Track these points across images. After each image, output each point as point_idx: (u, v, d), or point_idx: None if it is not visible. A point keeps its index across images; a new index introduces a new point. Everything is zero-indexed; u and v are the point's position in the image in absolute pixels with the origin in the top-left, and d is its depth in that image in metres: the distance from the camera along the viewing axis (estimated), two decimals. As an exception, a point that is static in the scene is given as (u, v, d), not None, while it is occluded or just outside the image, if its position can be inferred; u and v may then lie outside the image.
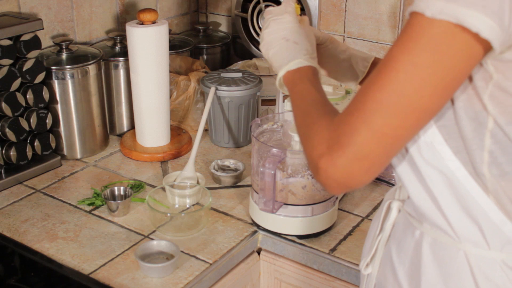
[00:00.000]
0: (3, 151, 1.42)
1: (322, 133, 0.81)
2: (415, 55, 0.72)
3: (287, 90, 0.98)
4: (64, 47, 1.55)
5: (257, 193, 1.26)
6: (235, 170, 1.50)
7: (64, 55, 1.54)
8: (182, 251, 1.21)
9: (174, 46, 1.80)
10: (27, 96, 1.43)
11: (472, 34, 0.69)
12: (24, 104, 1.42)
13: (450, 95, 0.75)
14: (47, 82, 1.48)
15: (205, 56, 1.96)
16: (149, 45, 1.51)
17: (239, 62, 1.86)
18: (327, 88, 1.45)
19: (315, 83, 0.95)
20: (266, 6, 1.88)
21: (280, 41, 1.02)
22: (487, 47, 0.71)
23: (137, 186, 1.44)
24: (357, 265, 1.17)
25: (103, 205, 1.35)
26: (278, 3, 1.85)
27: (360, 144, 0.75)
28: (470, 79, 0.77)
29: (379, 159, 0.76)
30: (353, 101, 0.78)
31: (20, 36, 1.40)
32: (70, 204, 1.38)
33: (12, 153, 1.42)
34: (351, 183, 0.78)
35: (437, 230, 0.86)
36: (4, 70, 1.38)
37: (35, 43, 1.43)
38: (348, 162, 0.76)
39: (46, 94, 1.46)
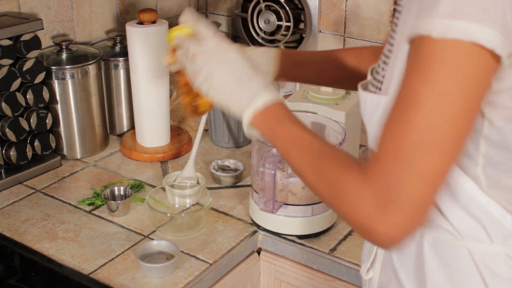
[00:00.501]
0: (3, 151, 1.42)
1: (362, 193, 0.73)
2: (438, 83, 0.68)
3: (259, 134, 0.87)
4: (64, 47, 1.55)
5: (257, 193, 1.26)
6: (235, 170, 1.50)
7: (64, 55, 1.54)
8: (182, 251, 1.21)
9: (174, 46, 1.79)
10: (27, 96, 1.43)
11: (486, 50, 0.67)
12: (24, 104, 1.42)
13: (478, 112, 0.72)
14: (47, 82, 1.48)
15: (205, 56, 1.96)
16: (149, 45, 1.51)
17: (239, 62, 1.86)
18: (327, 88, 1.45)
19: (296, 120, 0.87)
20: (266, 6, 1.89)
21: (229, 80, 0.88)
22: (498, 59, 0.69)
23: (137, 186, 1.44)
24: (357, 265, 1.17)
25: (103, 205, 1.35)
26: (279, 3, 1.85)
27: (413, 194, 0.70)
28: None
29: (432, 200, 0.73)
30: (384, 149, 0.72)
31: (20, 36, 1.40)
32: (70, 204, 1.38)
33: (12, 153, 1.42)
34: (411, 234, 0.73)
35: (437, 229, 0.85)
36: (4, 70, 1.38)
37: (35, 43, 1.43)
38: (405, 216, 0.71)
39: (46, 94, 1.46)
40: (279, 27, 1.89)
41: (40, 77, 1.44)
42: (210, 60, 0.89)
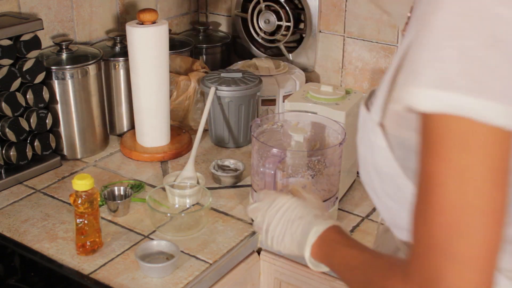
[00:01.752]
0: (3, 151, 1.42)
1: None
2: (452, 159, 0.63)
3: (324, 267, 0.87)
4: (64, 47, 1.55)
5: (257, 193, 1.26)
6: (235, 170, 1.50)
7: (64, 55, 1.54)
8: (182, 251, 1.21)
9: (174, 46, 1.79)
10: (27, 96, 1.43)
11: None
12: (24, 104, 1.42)
13: (507, 178, 0.64)
14: (47, 82, 1.48)
15: (205, 56, 1.96)
16: (149, 45, 1.51)
17: (239, 62, 1.86)
18: (327, 88, 1.45)
19: (347, 240, 0.85)
20: (266, 6, 1.89)
21: (286, 226, 0.91)
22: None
23: (137, 186, 1.44)
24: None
25: (103, 205, 1.35)
26: (279, 3, 1.85)
27: (456, 282, 0.63)
28: None
29: (480, 283, 0.64)
30: (418, 240, 0.67)
31: (20, 36, 1.40)
32: (70, 204, 1.38)
33: (12, 153, 1.42)
34: None
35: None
36: (4, 70, 1.38)
37: (35, 43, 1.43)
38: None
39: (46, 94, 1.46)
40: (279, 27, 1.89)
41: (40, 77, 1.44)
42: (265, 214, 0.96)
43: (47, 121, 1.48)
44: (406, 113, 0.65)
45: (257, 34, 1.95)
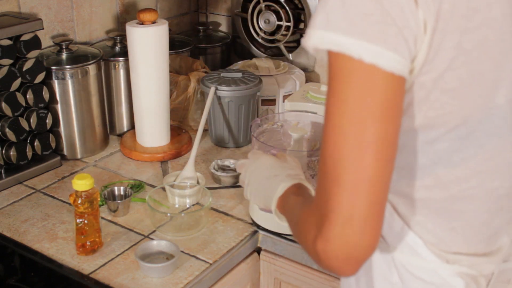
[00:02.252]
0: (3, 151, 1.42)
1: (308, 220, 0.77)
2: (336, 93, 0.71)
3: (284, 218, 0.94)
4: (64, 47, 1.55)
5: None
6: (235, 170, 1.50)
7: (64, 55, 1.54)
8: (182, 251, 1.21)
9: (174, 46, 1.80)
10: (27, 96, 1.43)
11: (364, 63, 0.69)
12: (24, 104, 1.42)
13: (394, 118, 0.71)
14: (47, 82, 1.48)
15: (205, 56, 1.96)
16: (149, 45, 1.51)
17: (239, 62, 1.86)
18: (324, 88, 1.45)
19: (299, 190, 0.93)
20: (266, 6, 1.89)
21: (263, 182, 1.00)
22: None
23: (137, 186, 1.44)
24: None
25: (103, 205, 1.35)
26: (279, 3, 1.85)
27: (338, 204, 0.71)
28: None
29: (367, 211, 0.71)
30: (318, 171, 0.76)
31: (20, 36, 1.40)
32: (70, 204, 1.38)
33: (12, 153, 1.42)
34: (357, 252, 0.71)
35: None
36: (4, 70, 1.38)
37: (35, 43, 1.43)
38: (338, 228, 0.71)
39: (46, 94, 1.46)
40: (279, 27, 1.89)
41: (40, 77, 1.44)
42: (247, 171, 1.05)
43: (47, 121, 1.48)
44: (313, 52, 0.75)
45: (257, 34, 1.95)
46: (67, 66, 1.51)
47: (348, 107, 0.70)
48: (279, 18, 1.87)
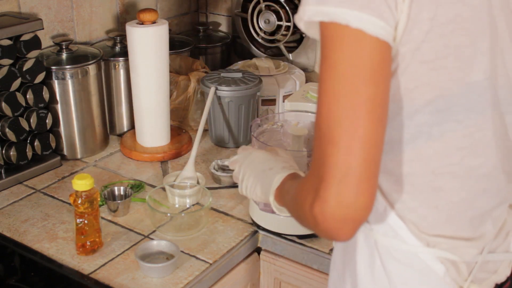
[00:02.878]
0: (3, 151, 1.42)
1: (305, 187, 0.79)
2: (327, 57, 0.75)
3: (285, 210, 0.96)
4: (64, 47, 1.55)
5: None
6: (235, 170, 1.50)
7: (64, 55, 1.54)
8: (182, 251, 1.21)
9: (174, 46, 1.80)
10: (27, 96, 1.43)
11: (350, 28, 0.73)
12: (24, 104, 1.42)
13: (384, 81, 0.75)
14: (47, 82, 1.48)
15: (205, 56, 1.96)
16: (149, 45, 1.51)
17: (239, 62, 1.86)
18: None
19: (294, 176, 0.96)
20: (266, 6, 1.89)
21: (258, 176, 1.02)
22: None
23: (137, 186, 1.44)
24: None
25: (103, 205, 1.35)
26: (279, 3, 1.85)
27: (333, 164, 0.73)
28: None
29: (361, 169, 0.73)
30: (314, 136, 0.79)
31: (20, 36, 1.40)
32: (70, 204, 1.38)
33: (12, 153, 1.42)
34: (353, 212, 0.74)
35: None
36: (4, 70, 1.38)
37: (35, 43, 1.43)
38: (334, 188, 0.73)
39: (46, 94, 1.46)
40: (279, 27, 1.89)
41: (40, 77, 1.44)
42: (241, 166, 1.07)
43: (47, 121, 1.48)
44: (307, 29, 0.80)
45: (257, 34, 1.95)
46: (67, 66, 1.51)
47: (338, 71, 0.73)
48: (279, 18, 1.87)
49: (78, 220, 1.18)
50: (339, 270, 0.97)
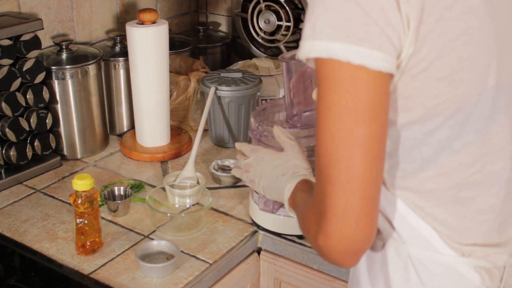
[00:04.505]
0: (3, 151, 1.42)
1: (309, 217, 0.83)
2: (323, 96, 0.75)
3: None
4: (64, 47, 1.55)
5: (257, 193, 1.25)
6: (235, 170, 1.50)
7: (64, 55, 1.54)
8: (182, 251, 1.21)
9: (174, 46, 1.80)
10: (27, 96, 1.43)
11: (350, 64, 0.72)
12: (24, 104, 1.42)
13: (379, 118, 0.75)
14: (47, 82, 1.48)
15: (205, 56, 1.96)
16: (149, 45, 1.51)
17: (239, 62, 1.86)
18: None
19: (304, 186, 0.97)
20: (266, 6, 1.89)
21: (273, 180, 1.04)
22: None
23: (137, 186, 1.44)
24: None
25: (103, 205, 1.35)
26: (279, 3, 1.85)
27: (332, 203, 0.76)
28: None
29: (358, 208, 0.75)
30: (315, 167, 0.80)
31: (20, 36, 1.40)
32: (70, 204, 1.38)
33: (12, 153, 1.42)
34: (354, 245, 0.77)
35: None
36: (4, 70, 1.38)
37: (35, 43, 1.43)
38: (335, 225, 0.76)
39: (46, 94, 1.46)
40: (279, 27, 1.89)
41: (40, 77, 1.44)
42: (256, 171, 1.09)
43: (47, 121, 1.48)
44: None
45: (257, 34, 1.95)
46: (67, 66, 1.51)
47: (334, 112, 0.74)
48: (279, 18, 1.87)
49: (78, 220, 1.18)
50: (366, 285, 0.95)
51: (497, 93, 0.83)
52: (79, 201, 1.16)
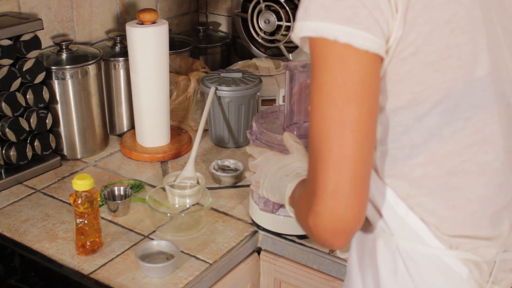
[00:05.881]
0: (3, 151, 1.42)
1: (302, 199, 0.84)
2: (315, 77, 0.77)
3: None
4: (64, 47, 1.55)
5: (257, 193, 1.25)
6: (235, 170, 1.50)
7: (64, 55, 1.54)
8: (182, 251, 1.21)
9: (174, 46, 1.80)
10: (27, 96, 1.43)
11: (338, 43, 0.75)
12: (24, 104, 1.42)
13: (369, 98, 0.77)
14: (47, 82, 1.48)
15: (205, 56, 1.96)
16: (149, 45, 1.51)
17: (239, 62, 1.86)
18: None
19: (303, 184, 0.98)
20: (266, 6, 1.89)
21: (276, 182, 1.05)
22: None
23: (137, 186, 1.44)
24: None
25: (103, 205, 1.35)
26: (279, 3, 1.85)
27: (322, 181, 0.77)
28: None
29: (347, 185, 0.77)
30: (308, 146, 0.81)
31: (20, 36, 1.40)
32: (70, 204, 1.38)
33: (12, 153, 1.42)
34: (343, 224, 0.78)
35: None
36: (4, 70, 1.38)
37: (35, 43, 1.43)
38: (326, 204, 0.77)
39: (46, 94, 1.46)
40: (279, 27, 1.89)
41: (40, 77, 1.44)
42: (261, 172, 1.10)
43: (47, 121, 1.48)
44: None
45: (257, 34, 1.95)
46: (67, 66, 1.51)
47: (324, 91, 0.76)
48: (279, 18, 1.87)
49: (78, 220, 1.18)
50: (356, 277, 0.96)
51: (487, 84, 0.84)
52: (79, 201, 1.16)
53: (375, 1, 0.75)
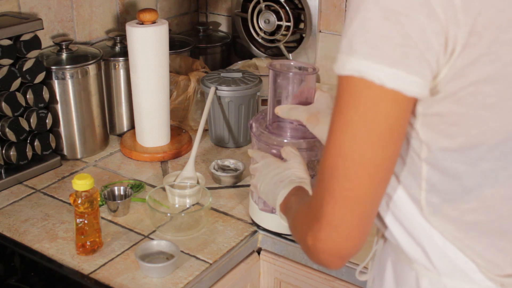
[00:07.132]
0: (3, 151, 1.42)
1: (302, 216, 0.83)
2: (343, 113, 0.72)
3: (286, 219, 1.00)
4: (64, 47, 1.55)
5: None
6: (235, 170, 1.50)
7: (64, 55, 1.54)
8: (182, 251, 1.21)
9: (174, 46, 1.80)
10: (27, 96, 1.43)
11: (377, 85, 0.69)
12: (24, 104, 1.42)
13: (394, 143, 0.73)
14: (47, 82, 1.48)
15: (205, 56, 1.96)
16: (149, 45, 1.51)
17: (239, 62, 1.86)
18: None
19: (296, 191, 0.99)
20: (266, 6, 1.89)
21: (271, 187, 1.06)
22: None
23: (137, 186, 1.44)
24: (357, 265, 1.17)
25: (103, 205, 1.35)
26: (279, 3, 1.85)
27: (329, 213, 0.76)
28: None
29: (353, 222, 0.76)
30: (317, 173, 0.80)
31: (20, 36, 1.40)
32: (70, 204, 1.38)
33: (12, 153, 1.42)
34: (341, 252, 0.77)
35: (396, 248, 0.89)
36: (4, 70, 1.38)
37: (35, 43, 1.43)
38: (327, 232, 0.77)
39: (46, 94, 1.46)
40: (279, 27, 1.89)
41: (40, 77, 1.44)
42: (260, 176, 1.11)
43: (47, 121, 1.48)
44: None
45: (257, 34, 1.95)
46: (67, 66, 1.51)
47: (349, 131, 0.72)
48: (279, 18, 1.87)
49: (78, 220, 1.18)
50: None
51: None
52: (79, 201, 1.16)
53: (427, 39, 0.68)
